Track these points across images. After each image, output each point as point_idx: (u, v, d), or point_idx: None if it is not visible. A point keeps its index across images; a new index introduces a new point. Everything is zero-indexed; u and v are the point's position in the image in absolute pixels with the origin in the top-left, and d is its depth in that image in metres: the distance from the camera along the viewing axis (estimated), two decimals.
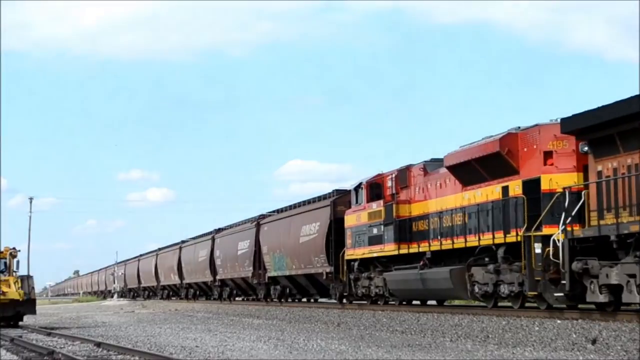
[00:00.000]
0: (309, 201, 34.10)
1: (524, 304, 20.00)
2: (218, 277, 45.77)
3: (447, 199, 22.54)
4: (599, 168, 17.05)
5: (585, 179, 17.76)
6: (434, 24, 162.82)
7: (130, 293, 76.88)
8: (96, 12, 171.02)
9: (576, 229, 17.17)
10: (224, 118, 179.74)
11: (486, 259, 20.54)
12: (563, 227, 17.25)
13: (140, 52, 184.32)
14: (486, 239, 20.24)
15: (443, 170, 23.05)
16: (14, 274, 28.33)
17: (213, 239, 47.04)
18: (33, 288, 28.38)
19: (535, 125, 19.37)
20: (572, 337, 14.54)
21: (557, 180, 18.41)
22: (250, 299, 44.32)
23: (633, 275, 15.46)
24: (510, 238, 19.28)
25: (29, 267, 68.15)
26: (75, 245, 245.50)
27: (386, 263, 25.95)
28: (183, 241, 56.50)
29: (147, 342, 17.96)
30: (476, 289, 21.06)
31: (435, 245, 22.78)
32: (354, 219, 27.82)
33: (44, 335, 22.75)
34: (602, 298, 16.37)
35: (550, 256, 17.56)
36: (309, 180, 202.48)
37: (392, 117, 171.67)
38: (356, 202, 27.86)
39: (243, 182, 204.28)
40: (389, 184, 25.99)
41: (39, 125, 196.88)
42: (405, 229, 24.51)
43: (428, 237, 23.40)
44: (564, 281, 17.15)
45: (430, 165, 24.31)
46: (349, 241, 28.14)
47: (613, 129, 16.37)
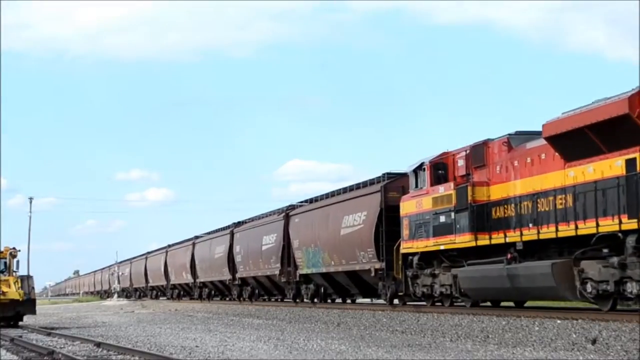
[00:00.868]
0: (352, 187, 29.83)
1: None
2: (238, 275, 41.51)
3: (544, 177, 18.37)
4: None
5: None
6: (434, 24, 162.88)
7: (136, 293, 72.68)
8: (96, 12, 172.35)
9: None
10: (224, 118, 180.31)
11: (604, 251, 16.45)
12: None
13: (140, 52, 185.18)
14: (607, 225, 16.10)
15: (535, 144, 19.03)
16: (14, 274, 28.38)
17: (232, 234, 42.75)
18: (33, 288, 28.48)
19: None
20: (572, 337, 14.41)
21: None
22: (275, 299, 40.23)
23: None
24: None
25: (29, 267, 68.17)
26: (75, 245, 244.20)
27: (455, 257, 21.88)
28: (196, 236, 52.19)
29: (147, 342, 17.98)
30: (588, 288, 17.00)
31: (529, 234, 18.58)
32: (412, 205, 23.69)
33: (44, 335, 22.76)
34: None
35: None
36: (308, 180, 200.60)
37: (392, 117, 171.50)
38: (416, 186, 23.72)
39: (243, 182, 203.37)
40: (460, 163, 21.92)
41: (39, 125, 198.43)
42: (484, 216, 20.42)
43: (514, 225, 19.31)
44: None
45: (516, 139, 20.22)
46: (405, 232, 23.99)
47: None
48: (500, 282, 19.53)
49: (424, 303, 23.97)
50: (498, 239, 19.66)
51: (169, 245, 59.98)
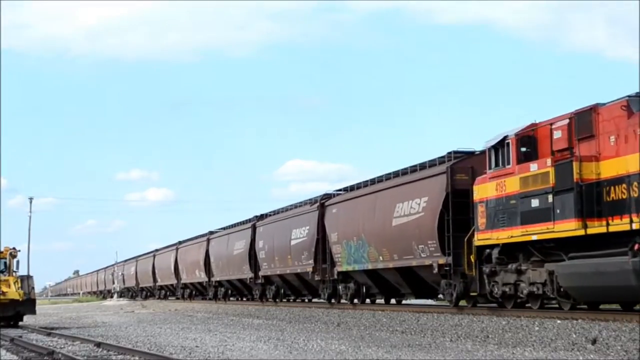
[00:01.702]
0: (405, 171, 25.86)
1: None
2: (261, 273, 37.65)
3: None
4: None
5: None
6: (434, 24, 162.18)
7: (142, 293, 68.82)
8: (96, 12, 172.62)
9: None
10: (223, 118, 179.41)
11: None
12: None
13: (140, 52, 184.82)
14: None
15: None
16: (14, 274, 28.36)
17: (254, 227, 38.90)
18: (33, 288, 28.41)
19: None
20: (572, 337, 14.36)
21: None
22: (302, 299, 36.38)
23: None
24: None
25: (29, 267, 67.70)
26: (75, 245, 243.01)
27: (549, 250, 18.03)
28: (211, 232, 48.32)
29: (147, 342, 17.95)
30: None
31: None
32: (491, 188, 19.86)
33: (44, 335, 22.77)
34: None
35: None
36: (308, 180, 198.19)
37: (392, 117, 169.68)
38: (495, 165, 19.88)
39: (243, 182, 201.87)
40: (557, 135, 18.03)
41: (38, 125, 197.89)
42: (593, 198, 16.56)
43: (636, 209, 15.46)
44: None
45: (637, 102, 16.36)
46: (481, 220, 20.17)
47: None
48: (622, 280, 15.64)
49: (505, 307, 20.06)
50: (619, 225, 15.76)
51: (180, 242, 56.10)
